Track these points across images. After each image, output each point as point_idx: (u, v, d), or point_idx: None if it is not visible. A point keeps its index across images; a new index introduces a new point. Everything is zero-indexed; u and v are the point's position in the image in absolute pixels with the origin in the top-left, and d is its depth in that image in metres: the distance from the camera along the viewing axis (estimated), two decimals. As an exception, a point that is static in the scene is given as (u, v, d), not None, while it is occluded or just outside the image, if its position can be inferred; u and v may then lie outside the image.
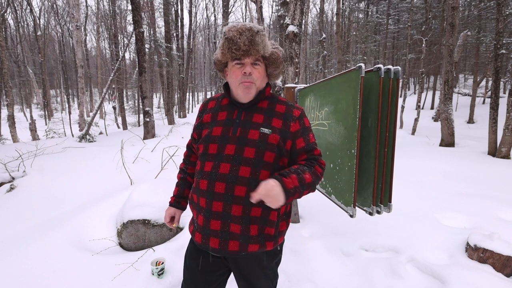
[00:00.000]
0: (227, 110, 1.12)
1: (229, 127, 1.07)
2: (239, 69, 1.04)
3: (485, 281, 1.90)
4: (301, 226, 2.81)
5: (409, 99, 19.04)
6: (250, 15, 16.53)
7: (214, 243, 1.03)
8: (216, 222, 1.02)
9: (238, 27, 0.98)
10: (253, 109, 1.10)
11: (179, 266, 2.11)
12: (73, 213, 3.26)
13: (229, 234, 1.02)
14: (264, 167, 1.03)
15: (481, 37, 13.58)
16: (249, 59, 1.03)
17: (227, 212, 1.01)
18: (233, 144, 1.04)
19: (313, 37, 28.15)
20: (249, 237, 1.03)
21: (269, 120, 1.07)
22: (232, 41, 0.98)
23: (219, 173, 1.02)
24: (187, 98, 28.30)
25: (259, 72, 1.07)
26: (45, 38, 19.87)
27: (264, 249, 1.07)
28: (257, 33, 0.99)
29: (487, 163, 5.32)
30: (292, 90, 2.47)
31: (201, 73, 38.86)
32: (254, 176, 1.01)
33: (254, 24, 1.00)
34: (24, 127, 15.09)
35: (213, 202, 1.02)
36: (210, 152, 1.07)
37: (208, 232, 1.04)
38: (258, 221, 1.04)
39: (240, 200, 1.01)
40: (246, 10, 23.52)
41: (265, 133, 1.04)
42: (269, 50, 1.06)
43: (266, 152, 1.03)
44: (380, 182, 1.45)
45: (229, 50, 1.01)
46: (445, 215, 3.03)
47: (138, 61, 8.94)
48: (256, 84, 1.07)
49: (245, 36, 0.97)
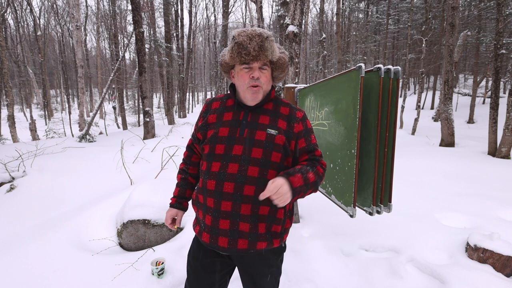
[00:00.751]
0: (233, 111, 1.13)
1: (236, 127, 1.09)
2: (247, 73, 1.06)
3: (485, 281, 1.90)
4: (301, 226, 2.81)
5: (409, 99, 19.04)
6: (250, 15, 16.52)
7: (223, 242, 1.05)
8: (225, 222, 1.04)
9: (248, 32, 1.00)
10: (259, 110, 1.12)
11: (179, 266, 2.11)
12: (73, 213, 3.26)
13: (238, 232, 1.04)
14: (272, 167, 1.05)
15: (481, 37, 13.58)
16: (257, 63, 1.05)
17: (236, 212, 1.03)
18: (240, 144, 1.06)
19: (313, 37, 28.15)
20: (258, 234, 1.05)
21: (275, 122, 1.10)
22: (242, 46, 1.00)
23: (227, 173, 1.03)
24: (187, 98, 28.30)
25: (266, 76, 1.09)
26: (45, 38, 19.87)
27: (271, 246, 1.10)
28: (267, 39, 1.01)
29: (487, 163, 5.33)
30: (292, 90, 2.47)
31: (201, 73, 38.87)
32: (262, 176, 1.04)
33: (263, 29, 1.03)
34: (24, 127, 15.09)
35: (221, 202, 1.03)
36: (217, 153, 1.07)
37: (217, 232, 1.05)
38: (266, 219, 1.06)
39: (249, 199, 1.03)
40: (246, 10, 23.54)
41: (271, 134, 1.07)
42: (276, 55, 1.08)
43: (273, 153, 1.05)
44: (380, 182, 1.45)
45: (238, 54, 1.02)
46: (445, 215, 3.03)
47: (138, 61, 8.94)
48: (263, 88, 1.09)
49: (255, 42, 0.99)
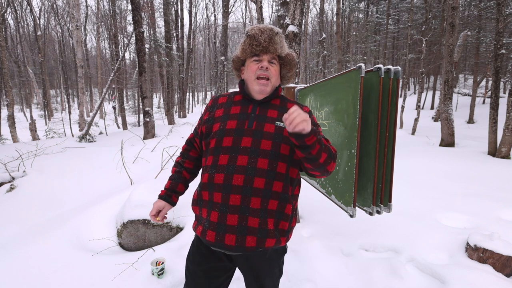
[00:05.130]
0: (241, 105, 1.14)
1: (244, 120, 1.09)
2: (256, 64, 1.10)
3: (485, 281, 1.90)
4: (301, 226, 2.80)
5: (409, 99, 19.03)
6: (250, 15, 16.52)
7: (231, 240, 1.00)
8: (233, 217, 1.00)
9: (261, 27, 1.08)
10: (267, 105, 1.14)
11: (179, 266, 2.11)
12: (73, 213, 3.26)
13: (247, 229, 1.01)
14: (281, 159, 1.05)
15: (481, 37, 13.58)
16: (267, 56, 1.10)
17: (246, 205, 1.00)
18: (249, 136, 1.05)
19: (313, 37, 28.15)
20: (267, 231, 1.03)
21: (283, 115, 1.09)
22: (253, 38, 1.07)
23: (237, 166, 1.02)
24: (187, 98, 28.27)
25: (275, 69, 1.13)
26: (45, 38, 19.87)
27: (279, 245, 1.08)
28: (277, 34, 1.09)
29: (487, 163, 5.32)
30: (292, 90, 2.47)
31: (201, 73, 38.86)
32: (272, 168, 1.03)
33: (274, 26, 1.11)
34: (24, 127, 15.09)
35: (230, 196, 1.01)
36: (224, 145, 1.06)
37: (223, 229, 1.01)
38: (275, 214, 1.05)
39: (259, 192, 1.01)
40: (246, 10, 23.52)
41: (280, 126, 1.08)
42: (285, 50, 1.14)
43: (282, 145, 1.05)
44: (380, 182, 1.45)
45: (249, 46, 1.08)
46: (445, 215, 3.02)
47: (138, 61, 8.94)
48: (272, 81, 1.12)
49: (266, 34, 1.07)
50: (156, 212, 1.22)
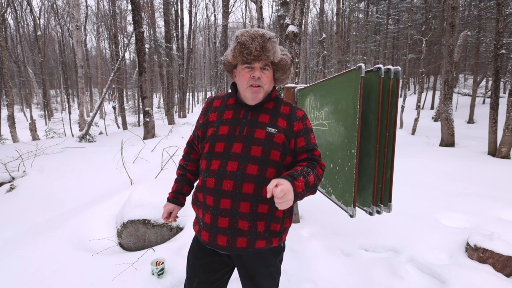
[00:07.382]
0: (234, 110, 1.14)
1: (236, 126, 1.10)
2: (248, 72, 1.07)
3: (485, 281, 1.90)
4: (301, 226, 2.80)
5: (409, 99, 19.02)
6: (250, 15, 16.52)
7: (222, 241, 1.05)
8: (224, 220, 1.04)
9: (251, 33, 1.01)
10: (260, 109, 1.13)
11: (179, 266, 2.11)
12: (73, 213, 3.26)
13: (237, 230, 1.04)
14: (271, 165, 1.06)
15: (481, 37, 13.58)
16: (258, 63, 1.06)
17: (235, 209, 1.03)
18: (240, 142, 1.06)
19: (313, 37, 28.15)
20: (257, 233, 1.05)
21: (275, 120, 1.10)
22: (244, 46, 1.01)
23: (227, 171, 1.04)
24: (187, 98, 28.27)
25: (268, 76, 1.10)
26: (45, 38, 19.86)
27: (270, 245, 1.10)
28: (269, 39, 1.02)
29: (487, 163, 5.32)
30: (292, 90, 2.47)
31: (201, 73, 38.85)
32: (261, 174, 1.04)
33: (266, 30, 1.04)
34: (24, 127, 15.09)
35: (221, 200, 1.04)
36: (216, 151, 1.08)
37: (216, 230, 1.05)
38: (265, 217, 1.06)
39: (248, 197, 1.03)
40: (246, 10, 23.52)
41: (271, 132, 1.08)
42: (278, 56, 1.09)
43: (272, 151, 1.06)
44: (380, 182, 1.45)
45: (240, 54, 1.03)
46: (445, 215, 3.02)
47: (138, 61, 8.94)
48: (264, 88, 1.10)
49: (257, 42, 1.00)
50: (168, 215, 1.31)
